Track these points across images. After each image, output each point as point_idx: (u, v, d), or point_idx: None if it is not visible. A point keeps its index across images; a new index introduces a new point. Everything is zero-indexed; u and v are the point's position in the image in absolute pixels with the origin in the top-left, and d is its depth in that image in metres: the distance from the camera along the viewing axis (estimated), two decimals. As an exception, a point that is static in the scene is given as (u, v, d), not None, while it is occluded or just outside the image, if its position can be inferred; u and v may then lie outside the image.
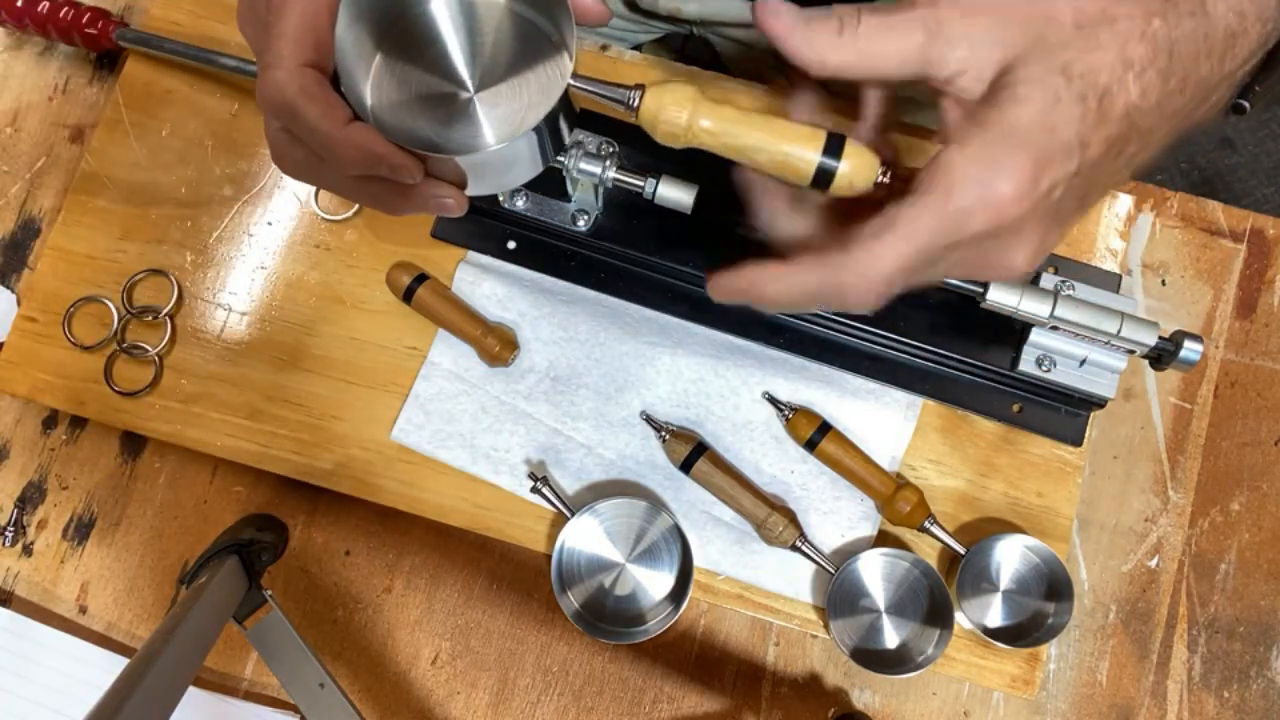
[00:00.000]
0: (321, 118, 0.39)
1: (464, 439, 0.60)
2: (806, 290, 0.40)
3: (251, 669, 0.61)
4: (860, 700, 0.60)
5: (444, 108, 0.44)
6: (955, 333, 0.58)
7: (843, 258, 0.38)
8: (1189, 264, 0.65)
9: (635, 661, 0.61)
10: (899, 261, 0.37)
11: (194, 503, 0.63)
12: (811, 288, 0.39)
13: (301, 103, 0.39)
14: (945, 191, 0.36)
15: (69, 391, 0.62)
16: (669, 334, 0.61)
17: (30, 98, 0.68)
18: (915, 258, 0.37)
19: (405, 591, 0.62)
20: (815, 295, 0.40)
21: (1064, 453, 0.60)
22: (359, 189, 0.44)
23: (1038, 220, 0.38)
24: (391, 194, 0.44)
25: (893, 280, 0.38)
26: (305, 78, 0.39)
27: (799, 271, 0.40)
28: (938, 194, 0.36)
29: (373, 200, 0.45)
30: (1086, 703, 0.60)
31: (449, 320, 0.60)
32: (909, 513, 0.57)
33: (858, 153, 0.41)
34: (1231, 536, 0.62)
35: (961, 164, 0.36)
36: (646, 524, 0.58)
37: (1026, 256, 0.40)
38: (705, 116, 0.42)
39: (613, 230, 0.60)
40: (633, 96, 0.42)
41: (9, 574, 0.62)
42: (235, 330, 0.62)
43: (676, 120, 0.42)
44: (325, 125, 0.39)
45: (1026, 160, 0.36)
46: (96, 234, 0.63)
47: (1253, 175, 1.57)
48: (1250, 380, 0.64)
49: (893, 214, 0.37)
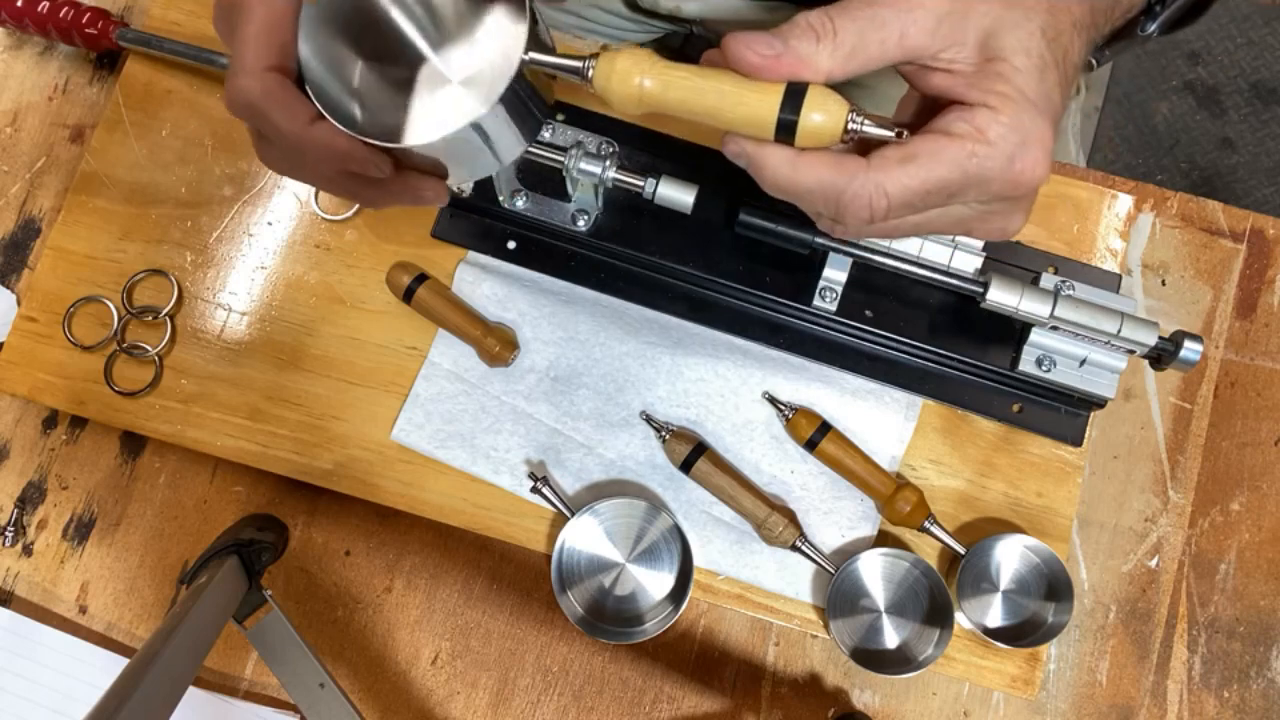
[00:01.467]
0: (285, 119, 0.40)
1: (464, 439, 0.60)
2: (809, 182, 0.40)
3: (251, 669, 0.61)
4: (860, 700, 0.60)
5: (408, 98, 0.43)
6: (955, 333, 0.58)
7: (856, 167, 0.39)
8: (1189, 264, 0.65)
9: (635, 661, 0.61)
10: (908, 189, 0.38)
11: (194, 503, 0.63)
12: (814, 182, 0.39)
13: (265, 106, 0.40)
14: (975, 144, 0.38)
15: (69, 391, 0.62)
16: (669, 334, 0.61)
17: (30, 98, 0.68)
18: (923, 192, 0.38)
19: (405, 591, 0.62)
20: (816, 191, 0.40)
21: (1064, 453, 0.60)
22: (337, 183, 0.45)
23: None
24: (367, 187, 0.45)
25: (894, 205, 0.39)
26: (268, 81, 0.40)
27: (810, 163, 0.39)
28: (967, 142, 0.38)
29: (351, 194, 0.46)
30: (1086, 703, 0.60)
31: (449, 320, 0.60)
32: (909, 513, 0.57)
33: (824, 96, 0.39)
34: (1231, 536, 0.62)
35: (995, 125, 0.37)
36: (646, 524, 0.58)
37: (1023, 221, 0.42)
38: (658, 75, 0.40)
39: (613, 230, 0.60)
40: (588, 65, 0.41)
41: (9, 574, 0.62)
42: (235, 330, 0.62)
43: (629, 81, 0.40)
44: (288, 126, 0.40)
45: (1049, 129, 0.38)
46: (96, 234, 0.63)
47: (1253, 175, 1.57)
48: (1250, 380, 0.64)
49: (917, 145, 0.38)
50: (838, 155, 0.40)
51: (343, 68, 0.43)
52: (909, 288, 0.58)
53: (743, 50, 0.38)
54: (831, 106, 0.39)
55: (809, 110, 0.39)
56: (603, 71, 0.41)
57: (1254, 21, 1.60)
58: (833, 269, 0.57)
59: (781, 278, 0.59)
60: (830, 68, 0.38)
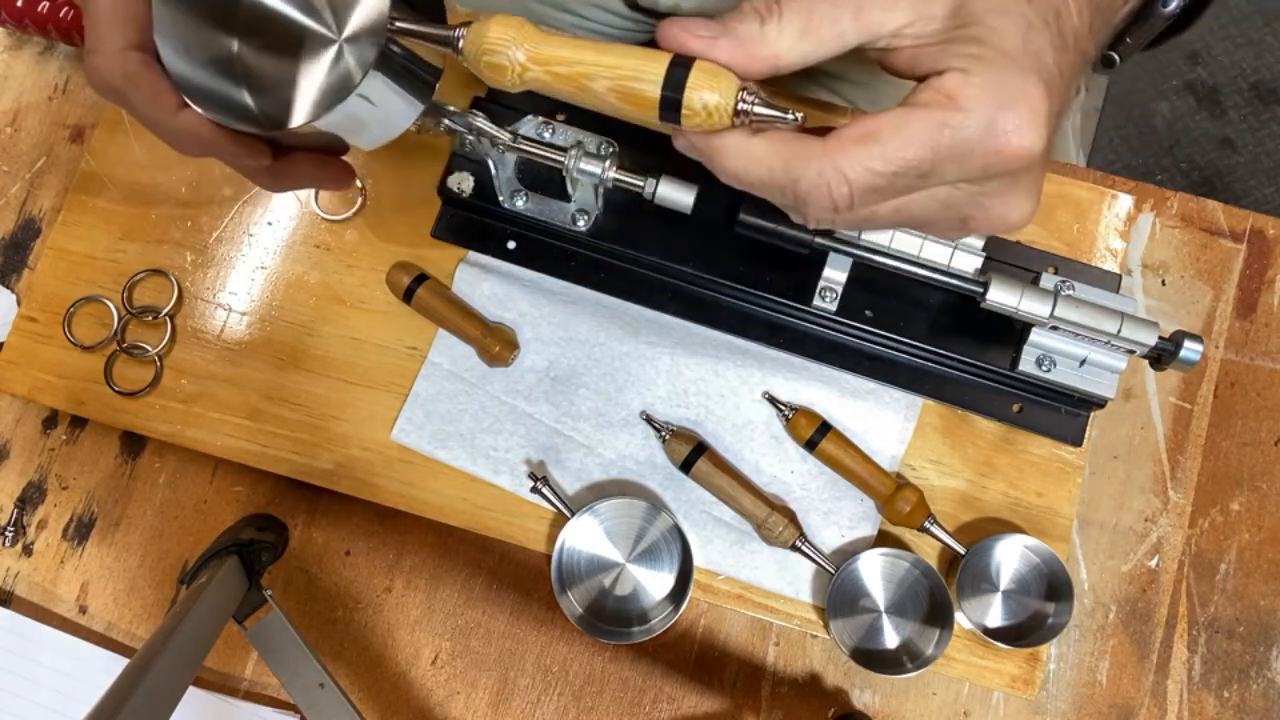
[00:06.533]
0: (149, 105, 0.37)
1: (464, 439, 0.60)
2: (763, 170, 0.35)
3: (251, 669, 0.61)
4: (860, 700, 0.60)
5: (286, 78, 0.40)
6: (955, 333, 0.58)
7: (812, 149, 0.34)
8: (1189, 264, 0.65)
9: (635, 661, 0.61)
10: (872, 171, 0.33)
11: (194, 503, 0.63)
12: (766, 171, 0.35)
13: (127, 89, 0.37)
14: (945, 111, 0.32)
15: (69, 391, 0.62)
16: (669, 334, 0.61)
17: (30, 98, 0.68)
18: (890, 174, 0.33)
19: (405, 591, 0.62)
20: (770, 180, 0.35)
21: (1064, 453, 0.60)
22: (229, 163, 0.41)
23: (1043, 164, 0.35)
24: (260, 174, 0.42)
25: (858, 191, 0.34)
26: (128, 62, 0.37)
27: (763, 148, 0.35)
28: (935, 110, 0.33)
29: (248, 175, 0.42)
30: (1086, 703, 0.60)
31: (449, 320, 0.60)
32: (909, 513, 0.57)
33: (710, 73, 0.35)
34: (1231, 536, 0.62)
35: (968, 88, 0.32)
36: (646, 524, 0.58)
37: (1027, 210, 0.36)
38: (533, 48, 0.37)
39: (613, 230, 0.60)
40: (458, 34, 0.38)
41: (9, 574, 0.62)
42: (235, 330, 0.62)
43: (500, 54, 0.37)
44: (154, 113, 0.37)
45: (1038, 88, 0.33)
46: (96, 234, 0.63)
47: (1253, 175, 1.57)
48: (1250, 380, 0.64)
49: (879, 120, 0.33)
50: (792, 138, 0.35)
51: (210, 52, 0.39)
52: (909, 288, 0.58)
53: (678, 33, 0.35)
54: (719, 84, 0.35)
55: (694, 88, 0.35)
56: (472, 41, 0.37)
57: (1254, 21, 1.60)
58: (833, 269, 0.57)
59: (781, 278, 0.59)
60: (776, 51, 0.34)
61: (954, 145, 0.33)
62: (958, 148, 0.33)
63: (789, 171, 0.34)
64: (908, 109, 0.33)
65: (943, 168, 0.33)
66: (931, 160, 0.33)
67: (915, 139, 0.33)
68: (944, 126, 0.32)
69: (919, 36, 0.34)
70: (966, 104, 0.32)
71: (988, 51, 0.33)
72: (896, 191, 0.34)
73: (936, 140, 0.32)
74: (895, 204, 0.36)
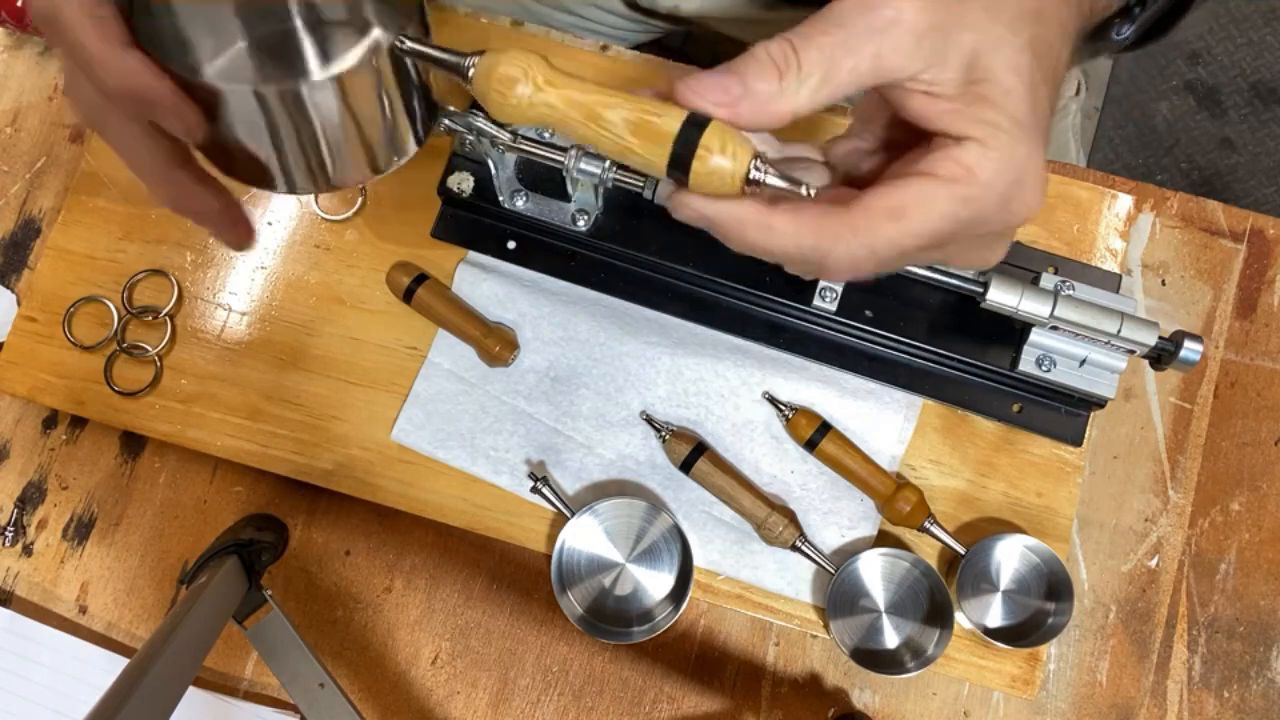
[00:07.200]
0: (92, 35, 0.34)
1: (464, 439, 0.60)
2: (789, 245, 0.35)
3: (251, 669, 0.61)
4: (860, 700, 0.60)
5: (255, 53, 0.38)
6: (955, 333, 0.58)
7: (841, 228, 0.35)
8: (1189, 264, 0.65)
9: (635, 661, 0.61)
10: (899, 246, 0.35)
11: (194, 503, 0.63)
12: (795, 247, 0.35)
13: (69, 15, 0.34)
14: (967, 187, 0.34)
15: (69, 391, 0.61)
16: (669, 334, 0.61)
17: (30, 98, 0.68)
18: (915, 248, 0.35)
19: (405, 591, 0.62)
20: (796, 256, 0.36)
21: (1064, 453, 0.60)
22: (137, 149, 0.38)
23: None
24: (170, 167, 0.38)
25: (882, 263, 0.35)
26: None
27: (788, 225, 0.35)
28: (959, 186, 0.34)
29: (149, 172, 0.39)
30: (1086, 703, 0.60)
31: (449, 320, 0.60)
32: (909, 513, 0.57)
33: (726, 137, 0.34)
34: (1231, 536, 0.62)
35: (987, 163, 0.34)
36: (646, 524, 0.58)
37: (1003, 254, 0.39)
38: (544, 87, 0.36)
39: (613, 230, 0.60)
40: (469, 63, 0.37)
41: (9, 574, 0.62)
42: (235, 330, 0.62)
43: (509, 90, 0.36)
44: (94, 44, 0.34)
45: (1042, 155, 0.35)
46: (96, 234, 0.63)
47: (1253, 175, 1.57)
48: (1250, 380, 0.64)
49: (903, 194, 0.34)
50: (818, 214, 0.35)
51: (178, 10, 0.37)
52: (909, 288, 0.58)
53: (692, 97, 0.34)
54: (734, 149, 0.34)
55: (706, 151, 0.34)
56: (482, 73, 0.36)
57: (1254, 21, 1.60)
58: (833, 269, 0.57)
59: (781, 278, 0.59)
60: (795, 106, 0.34)
61: (972, 217, 0.35)
62: (975, 219, 0.35)
63: (818, 249, 0.35)
64: (932, 182, 0.34)
65: (958, 236, 0.36)
66: (952, 232, 0.35)
67: (940, 214, 0.34)
68: (967, 202, 0.34)
69: (933, 84, 0.35)
70: (985, 177, 0.34)
71: (1003, 120, 0.34)
72: (917, 252, 0.36)
73: (958, 214, 0.34)
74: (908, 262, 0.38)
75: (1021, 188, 0.35)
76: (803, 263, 0.36)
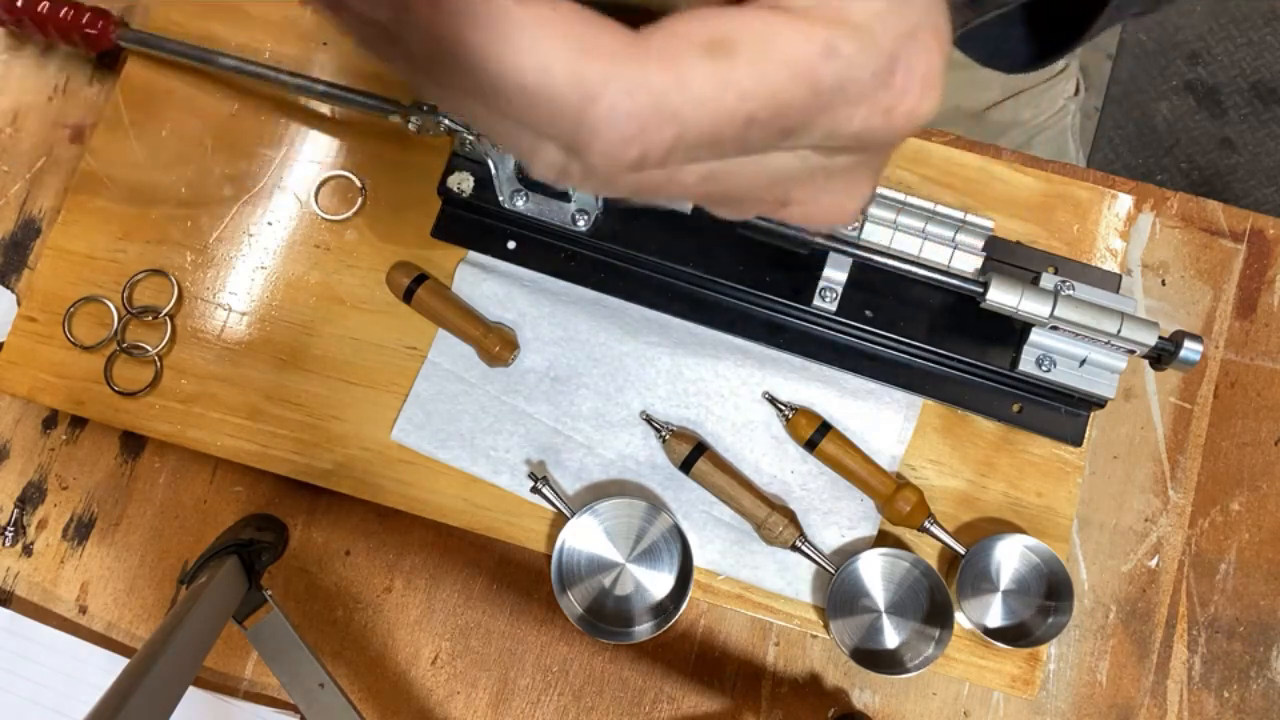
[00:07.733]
0: None
1: (464, 439, 0.60)
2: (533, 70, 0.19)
3: (251, 669, 0.61)
4: (860, 700, 0.60)
5: None
6: (955, 333, 0.58)
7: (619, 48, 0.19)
8: (1189, 264, 0.65)
9: (635, 661, 0.61)
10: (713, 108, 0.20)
11: (194, 503, 0.63)
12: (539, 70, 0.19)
13: None
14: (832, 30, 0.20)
15: (69, 391, 0.61)
16: (669, 334, 0.61)
17: (30, 98, 0.68)
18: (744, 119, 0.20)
19: (405, 591, 0.62)
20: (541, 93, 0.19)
21: (1064, 453, 0.60)
22: None
23: None
24: None
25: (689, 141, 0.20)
26: None
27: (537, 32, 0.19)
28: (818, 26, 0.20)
29: None
30: (1086, 703, 0.60)
31: (449, 320, 0.60)
32: (909, 513, 0.57)
33: None
34: (1231, 536, 0.62)
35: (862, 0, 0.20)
36: (646, 524, 0.58)
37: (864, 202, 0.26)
38: None
39: (613, 230, 0.60)
40: None
41: (9, 574, 0.62)
42: (235, 330, 0.62)
43: None
44: None
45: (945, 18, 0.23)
46: (96, 234, 0.63)
47: (1253, 175, 1.57)
48: (1250, 380, 0.64)
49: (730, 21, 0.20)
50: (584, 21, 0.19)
51: None
52: (909, 288, 0.58)
53: None
54: None
55: None
56: None
57: (1254, 21, 1.60)
58: (832, 269, 0.57)
59: (781, 278, 0.59)
60: None
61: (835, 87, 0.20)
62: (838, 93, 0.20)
63: (577, 80, 0.19)
64: (779, 16, 0.20)
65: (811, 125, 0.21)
66: (802, 108, 0.20)
67: (785, 64, 0.20)
68: (829, 54, 0.20)
69: None
70: (860, 18, 0.20)
71: None
72: (739, 151, 0.21)
73: (817, 75, 0.20)
74: (709, 169, 0.22)
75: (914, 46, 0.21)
76: (553, 110, 0.19)
